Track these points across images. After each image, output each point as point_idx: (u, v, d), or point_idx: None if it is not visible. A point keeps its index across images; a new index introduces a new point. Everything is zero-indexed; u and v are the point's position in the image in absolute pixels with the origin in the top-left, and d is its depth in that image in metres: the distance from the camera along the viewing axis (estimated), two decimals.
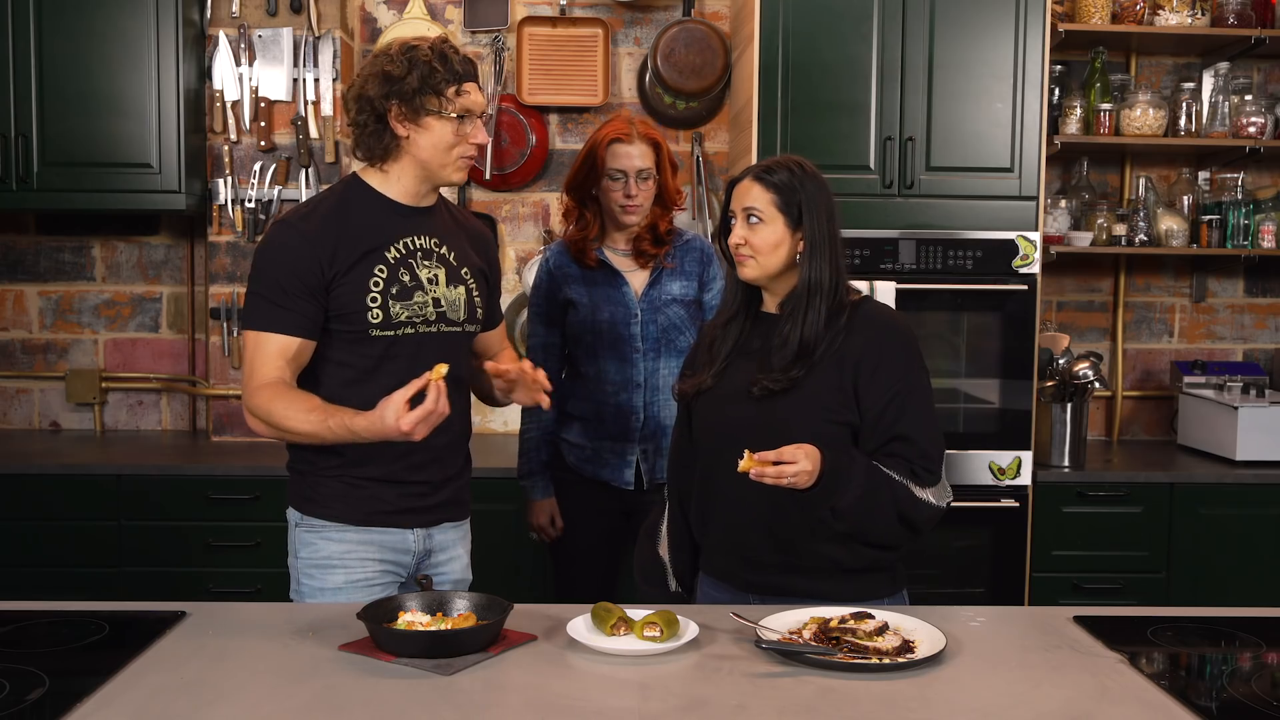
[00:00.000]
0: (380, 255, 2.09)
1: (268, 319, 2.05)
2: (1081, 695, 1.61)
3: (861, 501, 1.93)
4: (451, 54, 2.07)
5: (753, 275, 2.07)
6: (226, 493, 3.32)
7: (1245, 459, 3.53)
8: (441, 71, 2.04)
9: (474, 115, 2.09)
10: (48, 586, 3.21)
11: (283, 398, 2.01)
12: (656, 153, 2.72)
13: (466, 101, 2.07)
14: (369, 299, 2.07)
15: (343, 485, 2.13)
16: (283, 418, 2.00)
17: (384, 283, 2.08)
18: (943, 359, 3.45)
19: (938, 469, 2.03)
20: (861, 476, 1.93)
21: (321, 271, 2.04)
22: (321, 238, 2.06)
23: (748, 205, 2.05)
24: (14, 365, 3.95)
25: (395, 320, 2.09)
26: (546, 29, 3.85)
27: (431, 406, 1.87)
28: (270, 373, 2.03)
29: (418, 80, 2.03)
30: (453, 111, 2.06)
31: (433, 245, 2.16)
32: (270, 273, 2.06)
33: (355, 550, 2.14)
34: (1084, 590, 3.43)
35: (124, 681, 1.61)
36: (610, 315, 2.74)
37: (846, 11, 3.33)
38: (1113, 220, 3.79)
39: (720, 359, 2.11)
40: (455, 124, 2.07)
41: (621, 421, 2.75)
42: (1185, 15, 3.66)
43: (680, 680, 1.65)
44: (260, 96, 3.65)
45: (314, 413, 1.99)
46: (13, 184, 3.47)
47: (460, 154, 2.10)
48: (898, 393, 2.00)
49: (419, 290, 2.11)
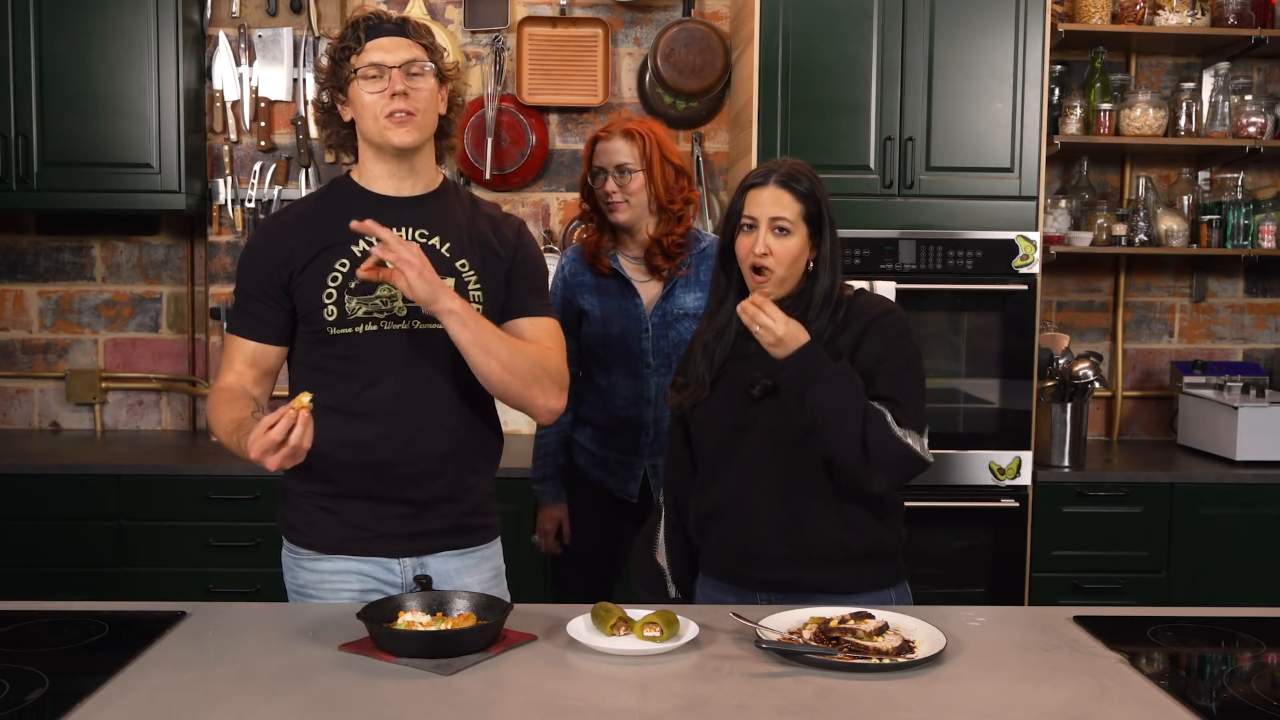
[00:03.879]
0: (344, 249, 1.97)
1: (235, 322, 2.02)
2: (1081, 695, 1.61)
3: (832, 396, 1.90)
4: (366, 19, 1.98)
5: (771, 290, 2.01)
6: (226, 493, 3.32)
7: (1245, 459, 3.53)
8: (348, 39, 1.97)
9: (386, 68, 1.94)
10: (48, 586, 3.21)
11: (219, 405, 1.95)
12: (640, 148, 2.63)
13: (371, 56, 1.94)
14: (324, 295, 1.96)
15: (314, 509, 2.02)
16: (215, 426, 1.95)
17: (342, 277, 1.96)
18: (943, 359, 3.45)
19: (920, 425, 1.98)
20: (842, 375, 1.92)
21: (278, 272, 1.97)
22: (283, 237, 2.00)
23: (777, 215, 1.99)
24: (14, 365, 3.96)
25: (352, 316, 1.96)
26: (546, 29, 3.85)
27: (278, 437, 1.71)
28: (230, 378, 1.99)
29: (335, 55, 1.99)
30: (358, 68, 1.95)
31: (416, 237, 2.00)
32: (239, 276, 2.03)
33: (329, 580, 2.02)
34: (1084, 590, 3.43)
35: (124, 681, 1.61)
36: (622, 330, 2.71)
37: (846, 11, 3.33)
38: (1113, 220, 3.79)
39: (715, 366, 2.09)
40: (368, 82, 1.95)
41: (631, 435, 2.74)
42: (1185, 15, 3.66)
43: (680, 680, 1.65)
44: (260, 96, 3.66)
45: (230, 424, 1.88)
46: (13, 184, 3.48)
47: (383, 110, 1.94)
48: (890, 361, 1.99)
49: (384, 284, 1.94)
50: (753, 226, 2.01)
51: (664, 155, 2.66)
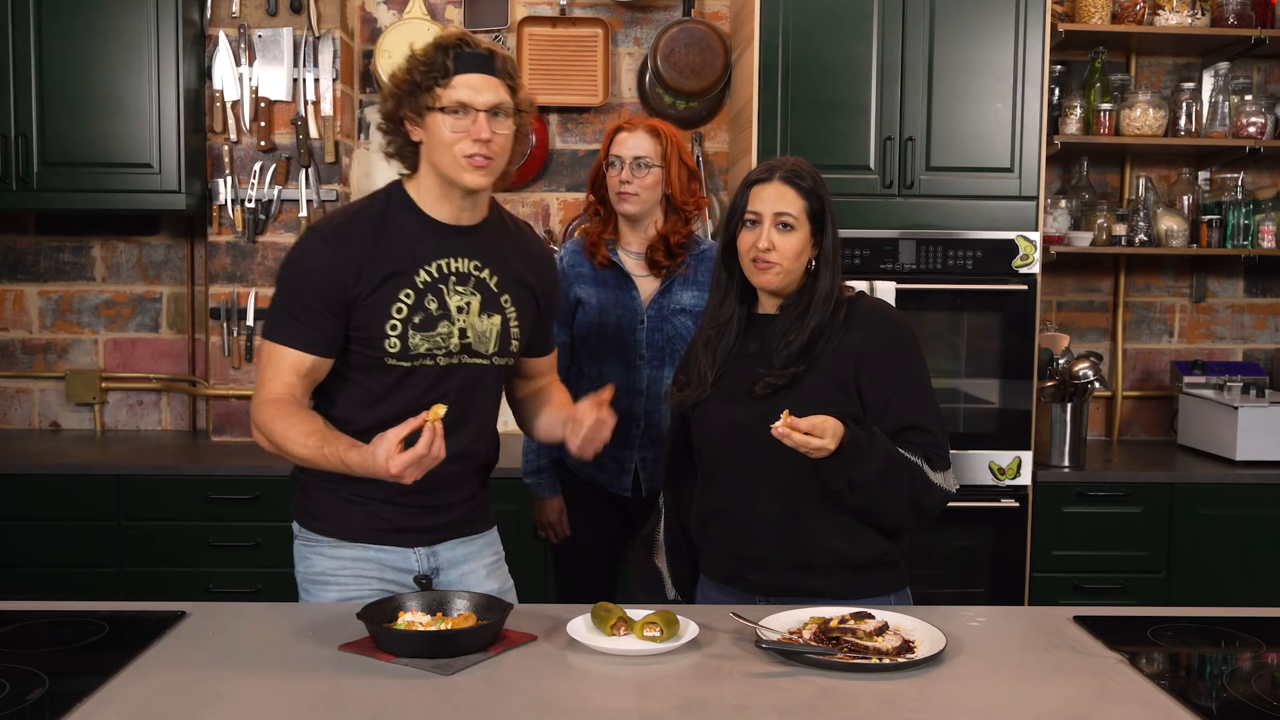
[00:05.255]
0: (408, 279, 1.98)
1: (285, 332, 1.97)
2: (1081, 695, 1.61)
3: (879, 477, 1.93)
4: (455, 46, 1.94)
5: (775, 284, 2.03)
6: (226, 493, 3.32)
7: (1245, 459, 3.53)
8: (437, 65, 1.93)
9: (472, 110, 1.93)
10: (48, 586, 3.21)
11: (285, 417, 1.94)
12: (661, 146, 2.66)
13: (459, 94, 1.92)
14: (388, 326, 1.96)
15: (340, 501, 2.05)
16: (282, 438, 1.93)
17: (407, 310, 1.97)
18: (943, 359, 3.45)
19: (948, 455, 2.04)
20: (881, 453, 1.93)
21: (345, 290, 1.95)
22: (349, 254, 1.96)
23: (781, 210, 2.00)
24: (14, 365, 3.96)
25: (413, 352, 1.98)
26: (546, 29, 3.85)
27: (424, 451, 1.77)
28: (279, 388, 1.96)
29: (418, 78, 1.95)
30: (444, 104, 1.93)
31: (471, 269, 2.03)
32: (292, 284, 1.97)
33: (349, 567, 2.06)
34: (1084, 590, 3.43)
35: (124, 681, 1.61)
36: (617, 319, 2.72)
37: (846, 11, 3.33)
38: (1113, 220, 3.79)
39: (717, 365, 2.09)
40: (451, 118, 1.93)
41: (622, 428, 2.72)
42: (1185, 15, 3.66)
43: (680, 680, 1.65)
44: (260, 96, 3.65)
45: (311, 437, 1.91)
46: (13, 184, 3.48)
47: (462, 151, 1.93)
48: (902, 384, 2.01)
49: (445, 320, 2.00)
50: (756, 222, 2.02)
51: (681, 157, 2.70)
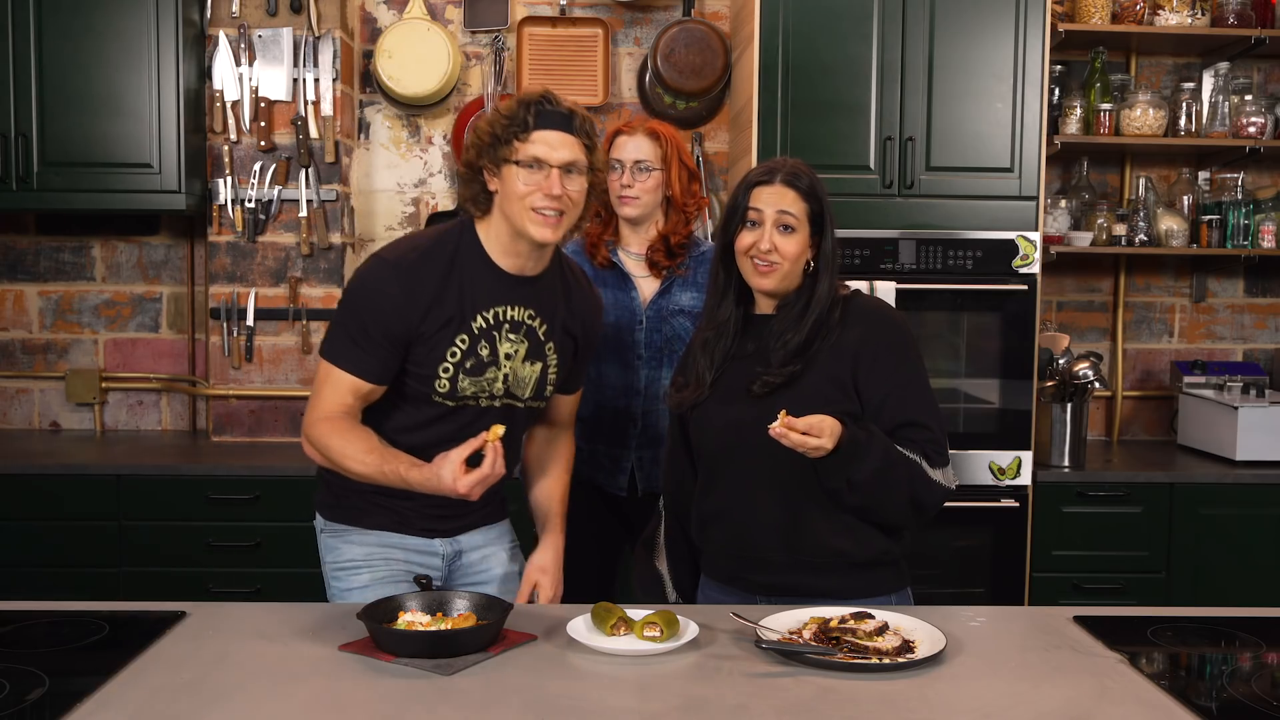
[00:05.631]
0: (466, 325, 2.05)
1: (347, 357, 2.03)
2: (1081, 695, 1.61)
3: (878, 475, 1.93)
4: (537, 103, 2.02)
5: (774, 286, 2.04)
6: (226, 493, 3.32)
7: (1245, 459, 3.53)
8: (517, 120, 2.01)
9: (546, 165, 1.99)
10: (48, 586, 3.21)
11: (342, 434, 2.02)
12: (661, 148, 2.67)
13: (535, 149, 1.99)
14: (441, 369, 2.05)
15: (365, 500, 2.14)
16: (340, 454, 2.01)
17: (461, 354, 2.05)
18: (943, 359, 3.45)
19: (947, 451, 2.04)
20: (880, 450, 1.93)
21: (410, 327, 2.02)
22: (419, 294, 2.02)
23: (783, 210, 2.01)
24: (14, 365, 3.96)
25: (460, 394, 2.08)
26: (546, 29, 3.85)
27: (488, 470, 1.89)
28: (335, 407, 2.04)
29: (499, 130, 2.02)
30: (520, 158, 2.00)
31: (525, 318, 2.11)
32: (360, 313, 2.03)
33: (378, 552, 2.15)
34: (1084, 590, 3.43)
35: (124, 681, 1.61)
36: (615, 319, 2.72)
37: (846, 11, 3.33)
38: (1113, 220, 3.79)
39: (715, 366, 2.09)
40: (525, 172, 1.99)
41: (619, 427, 2.74)
42: (1185, 15, 3.66)
43: (680, 680, 1.65)
44: (260, 96, 3.65)
45: (370, 454, 2.00)
46: (13, 184, 3.47)
47: (532, 204, 1.99)
48: (900, 380, 2.02)
49: (493, 366, 2.08)
50: (757, 223, 2.02)
51: (681, 158, 2.71)
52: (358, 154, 3.91)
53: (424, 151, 3.95)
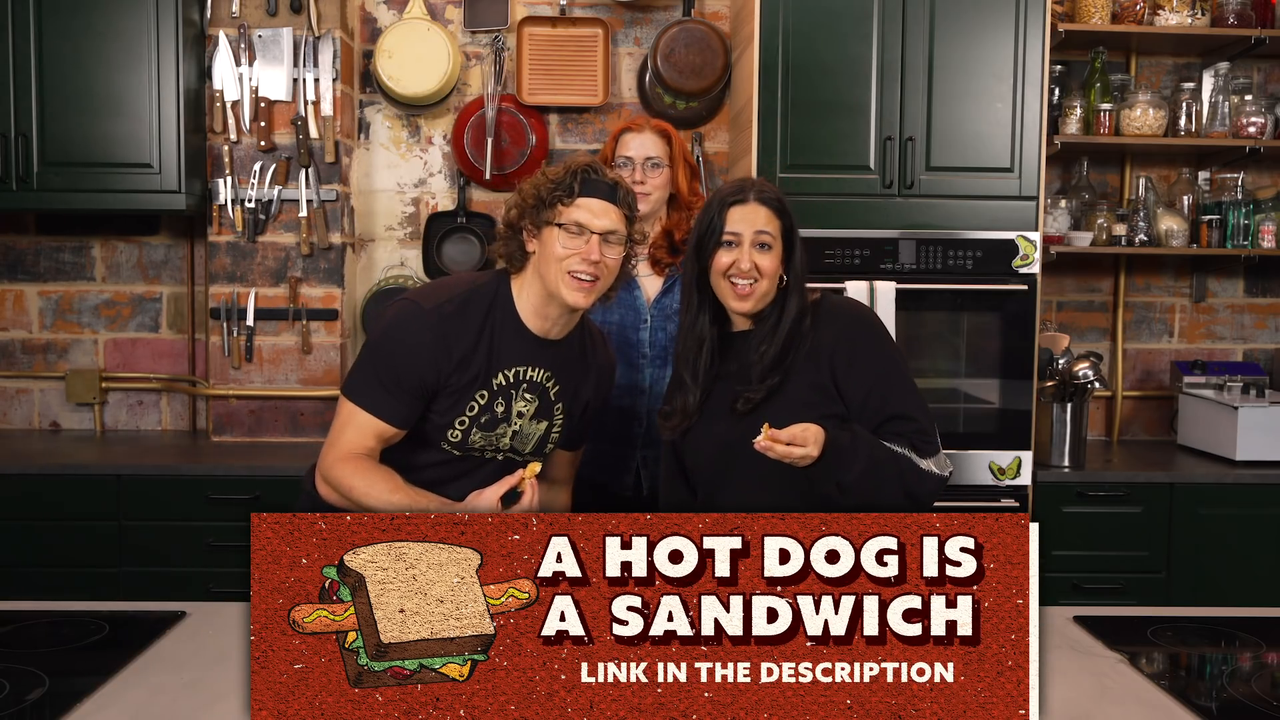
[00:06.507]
0: (486, 381, 2.07)
1: (374, 402, 2.04)
2: (1081, 695, 1.61)
3: (867, 475, 1.94)
4: (584, 172, 2.05)
5: (753, 308, 2.05)
6: (226, 493, 3.32)
7: (1245, 459, 3.53)
8: (563, 186, 2.03)
9: (587, 231, 2.02)
10: (48, 586, 3.21)
11: (364, 474, 2.02)
12: (668, 145, 2.70)
13: (578, 215, 2.02)
14: (457, 420, 2.07)
15: None
16: (364, 495, 2.00)
17: (478, 409, 2.08)
18: (943, 359, 3.45)
19: (935, 439, 2.05)
20: (865, 450, 1.95)
21: (442, 377, 2.04)
22: (453, 347, 2.04)
23: (762, 229, 2.03)
24: (14, 365, 3.96)
25: (469, 446, 2.10)
26: (546, 29, 3.85)
27: (528, 505, 1.96)
28: (356, 449, 2.04)
29: (544, 194, 2.04)
30: (562, 221, 2.02)
31: (542, 379, 2.13)
32: (391, 358, 2.04)
33: None
34: (1084, 590, 3.43)
35: (124, 681, 1.61)
36: (620, 318, 2.72)
37: (846, 11, 3.33)
38: (1113, 220, 3.79)
39: (700, 389, 2.10)
40: (566, 235, 2.02)
41: (623, 427, 2.74)
42: (1185, 15, 3.66)
43: None
44: (260, 96, 3.65)
45: (396, 494, 1.99)
46: (13, 184, 3.47)
47: (569, 268, 2.01)
48: (879, 376, 2.03)
49: (505, 423, 2.11)
50: (734, 243, 2.04)
51: (685, 156, 2.75)
52: (358, 154, 3.91)
53: (424, 151, 3.95)
